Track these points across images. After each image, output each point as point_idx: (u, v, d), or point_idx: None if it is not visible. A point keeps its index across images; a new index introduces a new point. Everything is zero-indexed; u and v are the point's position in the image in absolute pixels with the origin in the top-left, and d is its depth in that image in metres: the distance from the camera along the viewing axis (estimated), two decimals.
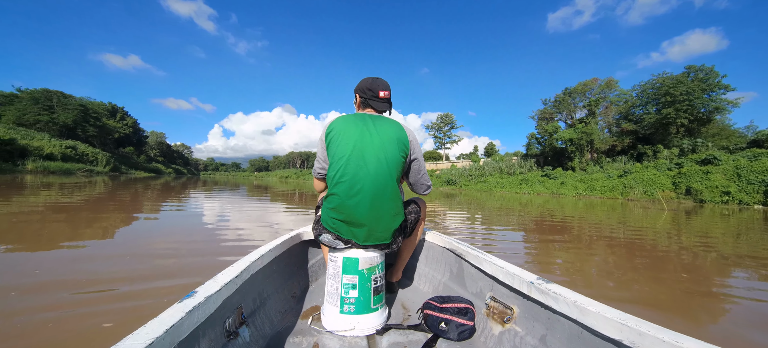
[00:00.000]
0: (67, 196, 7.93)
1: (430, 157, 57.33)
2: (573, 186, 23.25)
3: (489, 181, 29.98)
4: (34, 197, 7.39)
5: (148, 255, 2.86)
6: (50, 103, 42.13)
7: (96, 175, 27.88)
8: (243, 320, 1.09)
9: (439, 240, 1.75)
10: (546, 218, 7.50)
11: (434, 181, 36.05)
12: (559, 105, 33.79)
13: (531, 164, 31.37)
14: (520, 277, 1.11)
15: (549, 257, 3.59)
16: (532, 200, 15.98)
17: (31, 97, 41.14)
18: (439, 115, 53.94)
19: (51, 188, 10.33)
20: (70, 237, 3.44)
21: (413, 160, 1.42)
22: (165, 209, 6.42)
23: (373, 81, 1.46)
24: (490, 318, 1.27)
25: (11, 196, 7.33)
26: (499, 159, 35.66)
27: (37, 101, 41.00)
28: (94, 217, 4.88)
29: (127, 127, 61.22)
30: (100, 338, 1.47)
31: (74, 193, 8.87)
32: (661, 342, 0.68)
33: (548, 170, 27.34)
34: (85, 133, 45.54)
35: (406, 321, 1.42)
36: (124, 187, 13.25)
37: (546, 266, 3.21)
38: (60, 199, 7.12)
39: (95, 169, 33.22)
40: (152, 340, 0.62)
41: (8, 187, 10.27)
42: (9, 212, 4.96)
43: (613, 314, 0.80)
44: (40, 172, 22.65)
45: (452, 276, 1.65)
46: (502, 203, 12.99)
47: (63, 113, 42.39)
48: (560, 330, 0.97)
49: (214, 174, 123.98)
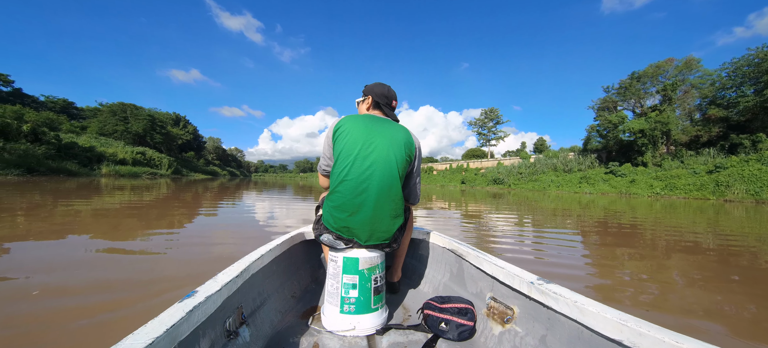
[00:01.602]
0: (145, 196, 9.05)
1: (473, 154, 54.64)
2: (647, 184, 20.10)
3: (542, 180, 27.31)
4: (121, 196, 8.66)
5: (214, 244, 3.44)
6: (125, 114, 47.40)
7: (159, 177, 30.49)
8: (243, 320, 1.09)
9: (440, 240, 1.75)
10: (612, 222, 6.47)
11: (479, 180, 33.96)
12: (624, 92, 29.76)
13: (591, 160, 27.99)
14: (520, 278, 1.11)
15: (614, 269, 2.97)
16: (594, 201, 13.97)
17: (110, 110, 46.67)
18: (482, 111, 51.18)
19: (124, 190, 11.66)
20: (167, 226, 4.42)
21: (414, 169, 1.44)
22: (222, 206, 7.43)
23: (389, 90, 1.49)
24: (490, 318, 1.26)
25: (102, 196, 8.63)
26: (553, 155, 32.36)
27: (114, 113, 46.40)
28: (171, 212, 5.96)
29: (189, 134, 67.06)
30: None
31: (144, 193, 10.09)
32: (661, 342, 0.68)
33: (614, 166, 24.08)
34: (153, 140, 50.55)
35: (407, 321, 1.42)
36: (185, 188, 14.59)
37: (609, 284, 2.57)
38: (142, 198, 8.23)
39: (159, 172, 36.51)
40: (152, 340, 0.62)
41: (88, 188, 11.45)
42: (110, 210, 5.92)
43: (613, 314, 0.80)
44: (112, 176, 25.25)
45: (452, 276, 1.64)
46: (557, 204, 11.55)
47: (135, 123, 47.43)
48: (560, 330, 0.95)
49: (264, 175, 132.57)
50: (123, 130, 45.83)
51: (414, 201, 1.55)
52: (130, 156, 33.62)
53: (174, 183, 20.13)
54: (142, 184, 16.98)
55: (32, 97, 46.76)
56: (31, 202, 6.57)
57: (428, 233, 1.85)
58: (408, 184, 1.48)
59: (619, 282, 2.60)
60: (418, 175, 1.48)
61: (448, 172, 43.54)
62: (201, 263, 2.74)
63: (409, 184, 1.48)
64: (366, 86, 1.54)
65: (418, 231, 1.90)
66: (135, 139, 47.00)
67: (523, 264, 2.62)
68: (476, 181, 34.26)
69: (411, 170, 1.43)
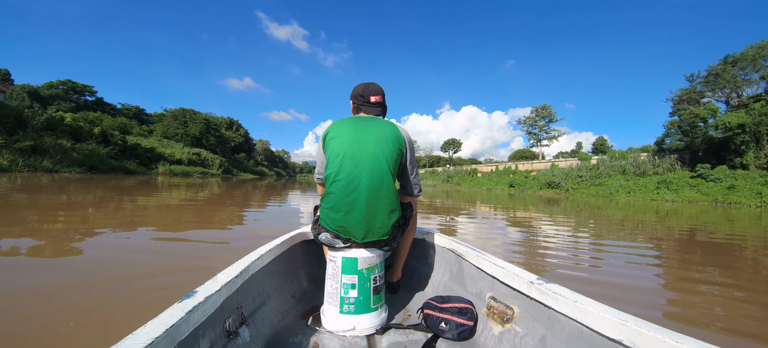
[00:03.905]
0: (210, 191, 9.82)
1: (522, 156, 50.48)
2: (752, 191, 16.24)
3: (608, 184, 23.80)
4: (186, 193, 9.43)
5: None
6: (185, 118, 51.69)
7: (210, 176, 32.27)
8: (243, 320, 1.09)
9: (440, 240, 1.74)
10: (703, 238, 5.32)
11: (530, 184, 30.86)
12: (714, 80, 24.94)
13: (671, 162, 23.75)
14: (520, 277, 1.10)
15: (706, 303, 2.27)
16: (678, 210, 11.51)
17: (172, 115, 51.26)
18: (533, 109, 47.03)
19: (181, 187, 12.65)
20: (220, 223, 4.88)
21: (407, 161, 1.42)
22: (271, 205, 8.23)
23: (365, 87, 1.49)
24: (490, 318, 1.25)
25: (171, 191, 9.52)
26: (621, 156, 28.13)
27: (176, 118, 50.84)
28: (228, 208, 6.70)
29: (240, 137, 71.51)
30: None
31: (203, 190, 10.68)
32: (661, 342, 0.68)
33: (704, 169, 20.01)
34: (208, 142, 54.43)
35: (406, 321, 1.42)
36: (235, 187, 15.40)
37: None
38: (212, 194, 8.97)
39: (209, 172, 38.78)
40: (152, 340, 0.62)
41: (148, 186, 12.26)
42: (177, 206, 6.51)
43: (613, 314, 0.79)
44: (166, 174, 27.07)
45: (452, 276, 1.63)
46: (628, 213, 9.69)
47: (193, 126, 51.46)
48: (560, 330, 0.95)
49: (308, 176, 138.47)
50: (183, 133, 49.93)
51: (414, 192, 1.50)
52: (186, 156, 36.17)
53: (224, 182, 20.84)
54: (192, 182, 17.78)
55: (111, 105, 52.99)
56: (99, 197, 7.04)
57: (428, 233, 1.83)
58: (404, 177, 1.47)
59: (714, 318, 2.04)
60: (414, 166, 1.45)
61: (494, 174, 40.52)
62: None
63: (405, 176, 1.46)
64: (350, 93, 1.56)
65: (418, 231, 1.85)
66: (193, 141, 50.97)
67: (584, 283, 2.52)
68: (526, 184, 31.19)
69: (404, 163, 1.41)
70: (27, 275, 2.19)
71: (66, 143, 19.47)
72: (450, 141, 70.00)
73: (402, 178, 1.48)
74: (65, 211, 5.02)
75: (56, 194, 7.31)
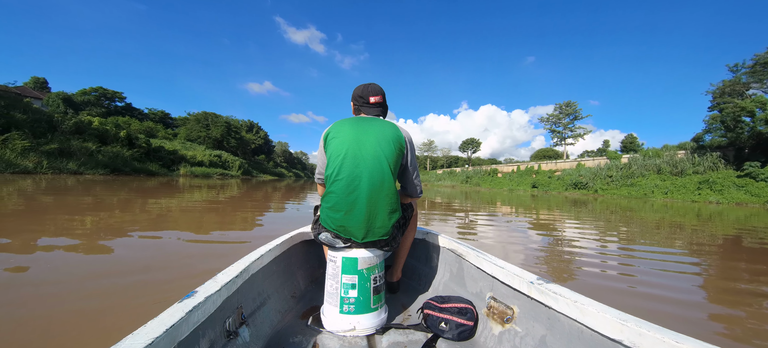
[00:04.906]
0: (205, 194, 9.54)
1: (545, 155, 48.44)
2: None
3: (641, 185, 22.19)
4: (207, 193, 9.57)
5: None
6: (207, 122, 53.21)
7: (229, 178, 32.85)
8: (243, 320, 1.08)
9: (440, 240, 1.73)
10: (748, 244, 4.81)
11: (554, 184, 29.41)
12: (761, 70, 22.76)
13: (713, 160, 21.84)
14: (520, 277, 1.10)
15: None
16: (724, 212, 10.44)
17: (195, 118, 52.88)
18: (557, 106, 45.12)
19: (202, 188, 13.17)
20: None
21: (408, 162, 1.42)
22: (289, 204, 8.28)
23: (365, 88, 1.49)
24: (490, 318, 1.25)
25: (193, 192, 9.73)
26: (655, 154, 26.21)
27: (198, 121, 52.40)
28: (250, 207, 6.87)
29: (260, 139, 73.04)
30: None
31: (223, 191, 10.78)
32: (661, 342, 0.68)
33: (754, 167, 18.19)
34: (229, 144, 55.80)
35: (406, 321, 1.41)
36: (257, 187, 15.88)
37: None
38: (199, 197, 8.58)
39: (229, 173, 39.59)
40: (152, 340, 0.62)
41: (171, 187, 12.58)
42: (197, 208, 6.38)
43: (613, 314, 0.79)
44: (188, 176, 27.73)
45: (452, 276, 1.62)
46: (664, 215, 8.79)
47: (214, 129, 52.89)
48: (560, 330, 0.95)
49: None
50: (205, 136, 51.39)
51: (415, 193, 1.51)
52: (207, 158, 37.08)
53: (243, 183, 21.00)
54: (212, 183, 17.96)
55: (139, 110, 55.25)
56: (123, 197, 7.01)
57: (428, 233, 1.82)
58: (405, 177, 1.47)
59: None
60: (415, 167, 1.46)
61: (516, 174, 39.02)
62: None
63: (406, 177, 1.47)
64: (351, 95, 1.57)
65: (419, 231, 1.84)
66: (214, 143, 52.38)
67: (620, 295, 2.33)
68: (551, 185, 29.71)
69: (405, 163, 1.41)
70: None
71: (92, 146, 20.21)
72: (468, 141, 68.51)
73: (403, 179, 1.47)
74: (92, 212, 4.90)
75: (81, 196, 7.29)
